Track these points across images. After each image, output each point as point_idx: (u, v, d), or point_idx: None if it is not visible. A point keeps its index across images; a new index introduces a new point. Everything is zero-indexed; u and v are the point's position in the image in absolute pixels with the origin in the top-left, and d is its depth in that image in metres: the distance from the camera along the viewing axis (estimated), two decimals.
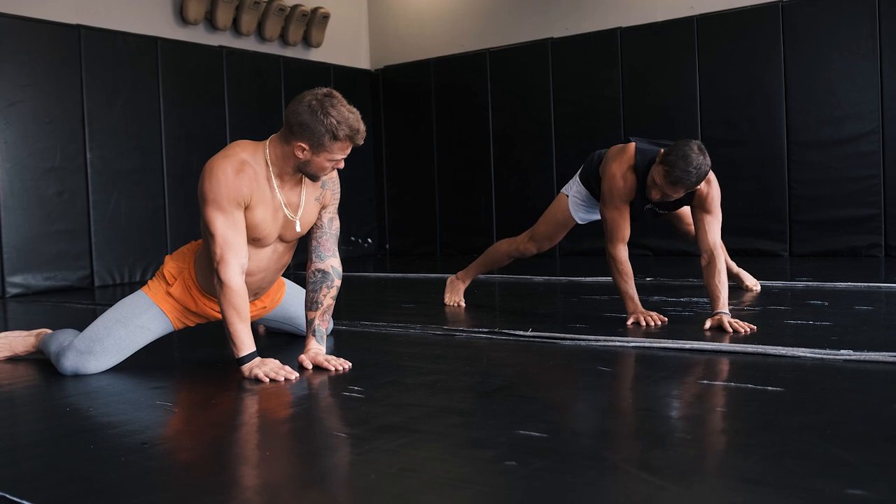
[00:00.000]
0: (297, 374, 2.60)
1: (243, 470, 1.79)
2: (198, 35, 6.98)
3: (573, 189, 3.77)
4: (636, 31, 6.91)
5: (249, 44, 7.40)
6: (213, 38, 7.10)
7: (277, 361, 2.62)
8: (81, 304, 5.12)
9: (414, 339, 3.27)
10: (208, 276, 2.74)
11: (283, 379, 2.54)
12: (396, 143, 8.38)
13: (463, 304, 4.19)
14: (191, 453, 1.92)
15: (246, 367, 2.59)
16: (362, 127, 2.55)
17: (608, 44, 7.03)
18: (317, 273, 2.80)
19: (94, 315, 4.67)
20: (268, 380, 2.53)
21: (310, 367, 2.72)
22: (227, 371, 2.74)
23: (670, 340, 2.90)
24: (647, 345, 2.89)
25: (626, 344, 2.92)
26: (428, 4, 8.23)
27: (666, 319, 3.34)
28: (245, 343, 2.59)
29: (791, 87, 6.27)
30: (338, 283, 2.82)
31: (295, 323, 3.24)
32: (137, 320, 2.79)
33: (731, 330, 3.08)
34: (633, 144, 3.36)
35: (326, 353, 2.78)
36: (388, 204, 8.46)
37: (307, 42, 7.87)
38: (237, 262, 2.56)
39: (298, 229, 2.74)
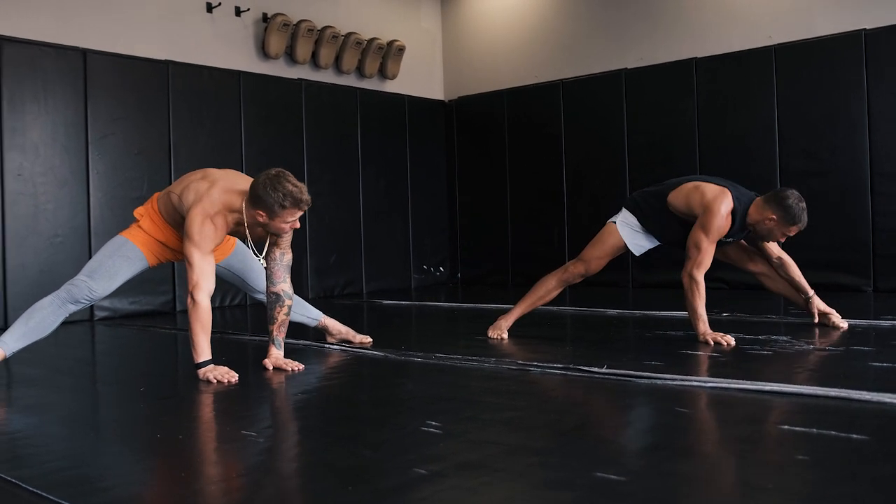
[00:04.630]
0: (237, 376, 3.19)
1: None
2: (278, 68, 7.20)
3: (620, 217, 4.14)
4: (712, 61, 6.86)
5: (327, 76, 7.59)
6: (293, 72, 7.31)
7: (226, 367, 3.23)
8: (164, 328, 5.29)
9: (489, 373, 3.29)
10: (164, 202, 3.43)
11: (227, 381, 3.14)
12: (469, 172, 8.46)
13: (505, 336, 4.23)
14: (261, 491, 1.99)
15: (202, 371, 3.22)
16: (305, 196, 3.20)
17: (684, 73, 6.99)
18: (272, 295, 3.52)
19: (175, 339, 4.84)
20: (215, 381, 3.15)
21: (270, 368, 3.46)
22: (297, 407, 2.81)
23: (749, 381, 2.86)
24: (725, 385, 2.85)
25: (703, 384, 2.90)
26: (501, 36, 8.31)
27: (734, 342, 3.73)
28: (205, 351, 3.24)
29: (875, 116, 6.13)
30: (289, 302, 3.54)
31: (242, 277, 3.80)
32: (119, 252, 3.44)
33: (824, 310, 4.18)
34: (728, 190, 3.83)
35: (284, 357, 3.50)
36: (460, 233, 8.53)
37: (383, 74, 8.03)
38: (208, 287, 3.21)
39: (263, 264, 3.56)
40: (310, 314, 4.09)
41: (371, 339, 4.17)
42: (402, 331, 5.08)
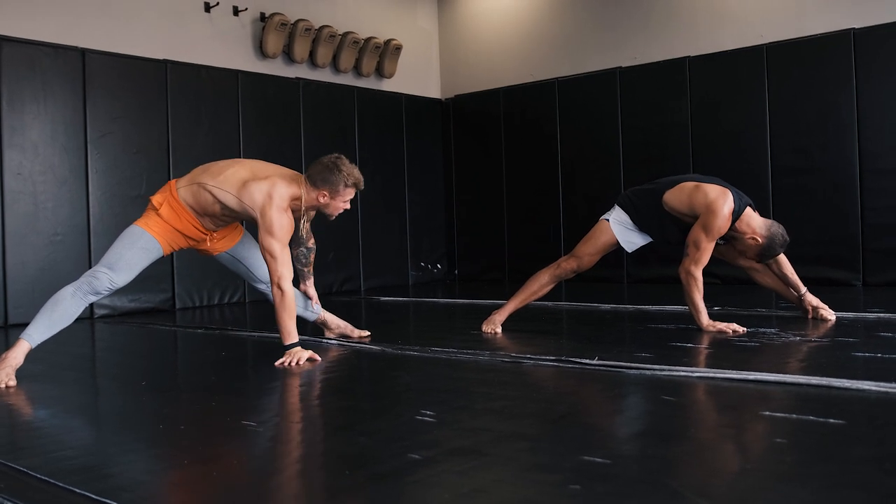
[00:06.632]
0: (320, 359, 3.52)
1: (322, 490, 1.91)
2: (276, 68, 7.27)
3: (613, 214, 4.22)
4: (705, 60, 6.95)
5: (325, 75, 7.67)
6: (291, 71, 7.38)
7: (311, 351, 3.52)
8: (164, 325, 5.36)
9: (483, 366, 3.37)
10: (193, 192, 3.55)
11: (303, 362, 3.44)
12: (466, 170, 8.54)
13: (499, 330, 4.30)
14: (262, 476, 2.07)
15: (292, 352, 3.48)
16: (362, 177, 3.61)
17: (677, 72, 7.07)
18: (303, 250, 4.00)
19: (175, 336, 4.91)
20: (305, 361, 3.44)
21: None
22: (297, 398, 2.89)
23: (734, 371, 2.94)
24: (711, 375, 2.94)
25: (690, 374, 2.98)
26: (497, 35, 8.39)
27: (742, 329, 3.94)
28: (293, 333, 3.52)
29: (864, 113, 6.22)
30: (313, 254, 4.09)
31: (246, 266, 3.96)
32: (138, 244, 3.51)
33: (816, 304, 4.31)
34: (728, 191, 3.91)
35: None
36: (457, 230, 8.61)
37: (380, 73, 8.11)
38: (291, 275, 3.50)
39: (310, 244, 4.02)
40: (311, 308, 4.18)
41: (369, 334, 4.24)
42: (400, 326, 5.16)
